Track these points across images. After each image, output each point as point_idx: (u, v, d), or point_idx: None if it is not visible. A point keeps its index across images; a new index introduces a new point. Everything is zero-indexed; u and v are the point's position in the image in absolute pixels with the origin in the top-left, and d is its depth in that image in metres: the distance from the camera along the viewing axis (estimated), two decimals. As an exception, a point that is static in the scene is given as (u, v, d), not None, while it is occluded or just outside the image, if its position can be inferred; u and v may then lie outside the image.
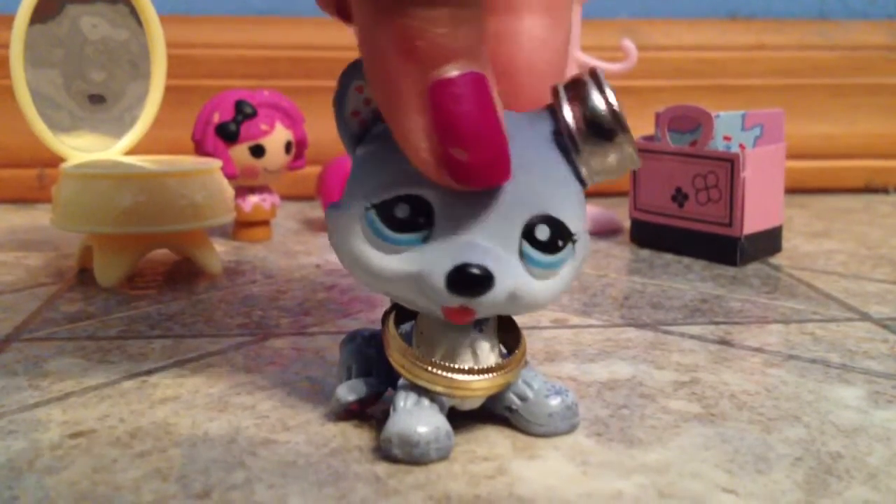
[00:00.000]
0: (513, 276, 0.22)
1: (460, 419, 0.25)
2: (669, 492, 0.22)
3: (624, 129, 0.23)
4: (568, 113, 0.23)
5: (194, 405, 0.28)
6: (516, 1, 0.24)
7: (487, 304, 0.22)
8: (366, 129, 0.24)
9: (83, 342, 0.34)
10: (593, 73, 0.24)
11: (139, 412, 0.27)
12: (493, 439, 0.25)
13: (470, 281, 0.22)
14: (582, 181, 0.24)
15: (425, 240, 0.22)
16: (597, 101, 0.23)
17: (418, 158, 0.21)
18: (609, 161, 0.24)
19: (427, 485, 0.22)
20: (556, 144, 0.24)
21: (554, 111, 0.24)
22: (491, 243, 0.22)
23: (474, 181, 0.21)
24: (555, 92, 0.24)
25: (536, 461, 0.24)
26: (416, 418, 0.23)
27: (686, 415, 0.27)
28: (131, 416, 0.27)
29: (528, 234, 0.23)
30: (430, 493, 0.22)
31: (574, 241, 0.23)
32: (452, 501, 0.22)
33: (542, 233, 0.23)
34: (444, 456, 0.24)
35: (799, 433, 0.26)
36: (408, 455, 0.23)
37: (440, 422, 0.24)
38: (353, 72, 0.24)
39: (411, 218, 0.22)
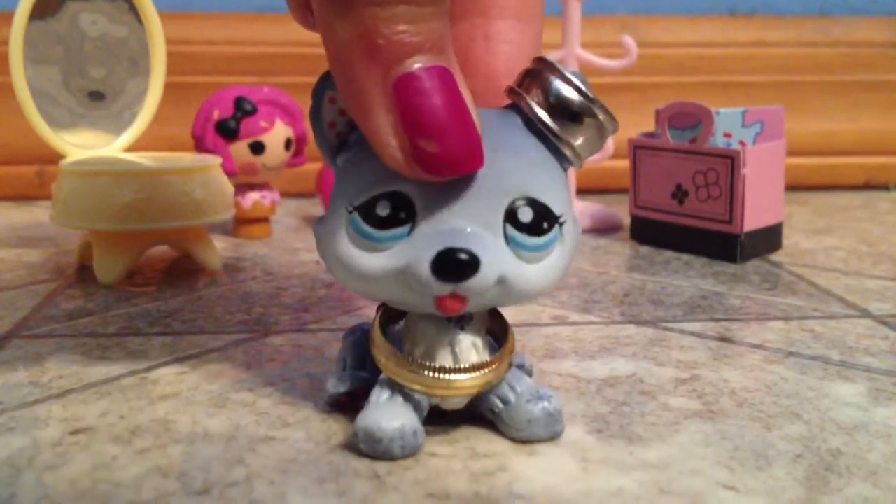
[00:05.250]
0: (500, 261, 0.22)
1: (460, 416, 0.25)
2: (670, 489, 0.22)
3: (594, 102, 0.24)
4: (535, 105, 0.24)
5: (194, 402, 0.28)
6: (488, 6, 0.25)
7: (476, 289, 0.22)
8: (342, 139, 0.25)
9: (83, 339, 0.34)
10: (544, 62, 0.24)
11: (139, 409, 0.27)
12: (492, 436, 0.25)
13: (455, 265, 0.22)
14: (568, 163, 0.25)
15: (409, 234, 0.23)
16: (560, 87, 0.24)
17: (388, 155, 0.22)
18: (590, 137, 0.24)
19: (427, 482, 0.22)
20: (531, 131, 0.24)
21: (517, 106, 0.24)
22: (475, 229, 0.22)
23: (446, 171, 0.22)
24: (512, 90, 0.24)
25: (536, 458, 0.24)
26: (383, 414, 0.23)
27: (686, 412, 0.27)
28: (131, 413, 0.27)
29: (511, 217, 0.23)
30: (430, 490, 0.22)
31: (561, 224, 0.24)
32: (452, 498, 0.22)
33: (525, 215, 0.23)
34: (410, 454, 0.23)
35: (799, 430, 0.26)
36: (372, 450, 0.23)
37: (408, 419, 0.23)
38: (324, 83, 0.24)
39: (393, 214, 0.23)
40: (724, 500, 0.22)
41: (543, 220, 0.23)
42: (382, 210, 0.23)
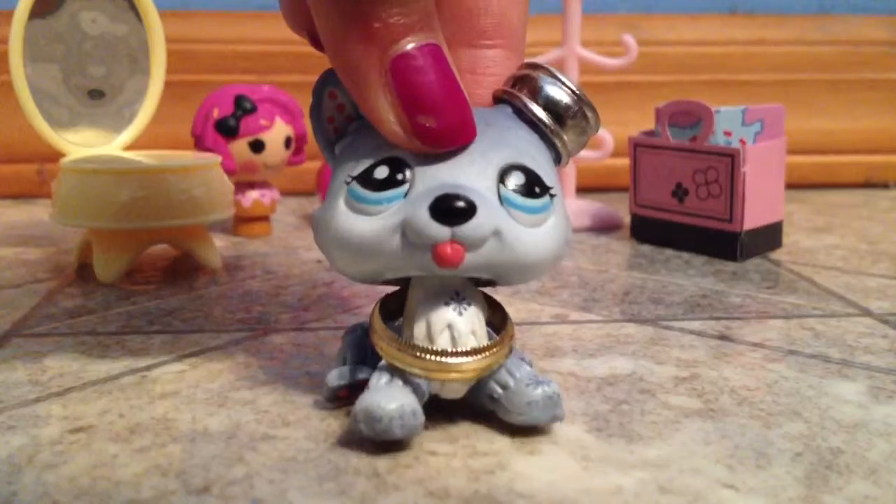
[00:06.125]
0: (496, 215, 0.23)
1: (460, 414, 0.26)
2: (670, 487, 0.22)
3: (584, 101, 0.25)
4: (531, 103, 0.25)
5: (194, 400, 0.28)
6: (476, 37, 0.26)
7: (473, 236, 0.22)
8: (339, 134, 0.26)
9: (83, 337, 0.34)
10: (533, 65, 0.25)
11: (139, 407, 0.27)
12: (492, 434, 0.25)
13: (453, 207, 0.22)
14: (556, 156, 0.26)
15: (407, 195, 0.23)
16: (549, 88, 0.25)
17: (389, 132, 0.23)
18: (576, 134, 0.25)
19: (426, 480, 0.22)
20: (523, 120, 0.25)
21: (508, 103, 0.26)
22: (471, 185, 0.23)
23: (443, 144, 0.23)
24: (503, 91, 0.25)
25: (536, 456, 0.24)
26: (382, 395, 0.23)
27: (686, 410, 0.27)
28: (131, 412, 0.27)
29: (503, 180, 0.24)
30: (430, 489, 0.22)
31: (552, 195, 0.24)
32: (452, 497, 0.22)
33: (517, 178, 0.24)
34: (409, 434, 0.23)
35: (799, 428, 0.26)
36: (372, 431, 0.23)
37: (407, 400, 0.24)
38: (324, 80, 0.25)
39: (391, 176, 0.23)
40: (723, 499, 0.22)
41: (535, 185, 0.24)
42: (380, 173, 0.24)
